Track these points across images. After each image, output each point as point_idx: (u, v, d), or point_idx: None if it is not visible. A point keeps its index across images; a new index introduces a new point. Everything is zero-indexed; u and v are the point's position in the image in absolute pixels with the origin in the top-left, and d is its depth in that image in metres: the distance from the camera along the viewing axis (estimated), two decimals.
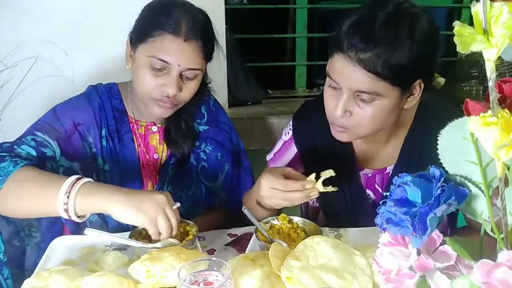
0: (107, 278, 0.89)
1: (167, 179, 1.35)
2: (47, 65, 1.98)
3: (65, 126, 1.25)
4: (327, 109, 1.14)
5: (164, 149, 1.36)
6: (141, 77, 1.21)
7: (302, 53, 3.23)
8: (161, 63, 1.18)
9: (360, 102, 1.06)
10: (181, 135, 1.35)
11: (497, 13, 0.45)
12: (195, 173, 1.38)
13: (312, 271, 0.86)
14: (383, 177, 1.27)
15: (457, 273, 0.57)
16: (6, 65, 1.96)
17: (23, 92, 2.01)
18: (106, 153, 1.30)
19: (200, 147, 1.39)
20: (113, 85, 1.37)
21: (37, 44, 1.95)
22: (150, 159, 1.35)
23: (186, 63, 1.19)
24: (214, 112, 1.43)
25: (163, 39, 1.18)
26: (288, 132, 1.35)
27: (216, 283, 0.76)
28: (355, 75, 1.03)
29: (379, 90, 1.03)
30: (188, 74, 1.21)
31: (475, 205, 0.58)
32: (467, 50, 0.47)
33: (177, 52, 1.18)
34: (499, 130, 0.46)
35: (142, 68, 1.21)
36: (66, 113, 1.27)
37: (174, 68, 1.19)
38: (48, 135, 1.22)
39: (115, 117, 1.32)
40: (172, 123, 1.35)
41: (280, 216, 1.14)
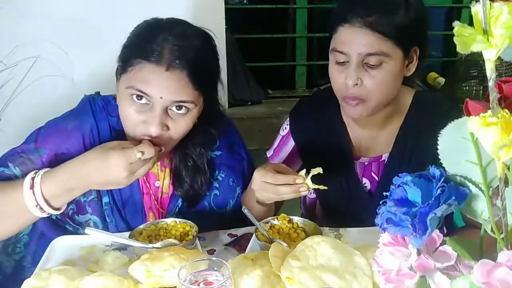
0: (107, 278, 0.89)
1: (175, 211, 1.23)
2: (47, 65, 1.98)
3: (42, 158, 1.11)
4: (336, 86, 1.18)
5: (165, 176, 1.23)
6: (123, 112, 1.08)
7: (302, 53, 3.24)
8: (139, 93, 1.03)
9: (369, 69, 1.13)
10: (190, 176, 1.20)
11: (496, 13, 0.45)
12: (207, 203, 1.27)
13: (312, 271, 0.86)
14: (379, 164, 1.30)
15: (457, 273, 0.57)
16: (6, 65, 1.96)
17: (23, 92, 2.01)
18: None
19: (213, 175, 1.26)
20: (111, 99, 1.19)
21: (37, 44, 1.96)
22: (151, 187, 1.22)
23: (169, 95, 1.03)
24: (226, 134, 1.30)
25: (141, 67, 1.03)
26: (285, 127, 1.38)
27: (216, 283, 0.76)
28: (363, 39, 1.10)
29: (386, 49, 1.11)
30: (175, 108, 1.05)
31: (475, 205, 0.58)
32: (467, 50, 0.47)
33: (158, 83, 1.02)
34: (499, 130, 0.46)
35: (123, 101, 1.07)
36: (47, 140, 1.13)
37: (156, 101, 1.03)
38: (20, 168, 1.10)
39: (112, 139, 1.12)
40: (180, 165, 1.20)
41: (280, 216, 1.14)
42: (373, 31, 1.10)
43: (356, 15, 1.10)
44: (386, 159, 1.28)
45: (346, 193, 1.29)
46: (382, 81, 1.13)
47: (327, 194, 1.30)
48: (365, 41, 1.10)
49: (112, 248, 1.10)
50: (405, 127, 1.26)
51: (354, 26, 1.11)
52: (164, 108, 1.04)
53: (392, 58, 1.12)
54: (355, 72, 1.12)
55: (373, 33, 1.10)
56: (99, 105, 1.19)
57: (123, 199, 1.18)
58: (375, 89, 1.14)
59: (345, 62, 1.14)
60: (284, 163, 1.32)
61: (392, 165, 1.26)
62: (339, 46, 1.14)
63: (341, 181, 1.28)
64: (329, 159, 1.23)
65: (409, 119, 1.26)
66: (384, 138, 1.28)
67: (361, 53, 1.11)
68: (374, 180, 1.30)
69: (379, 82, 1.13)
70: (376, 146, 1.29)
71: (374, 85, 1.13)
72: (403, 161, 1.25)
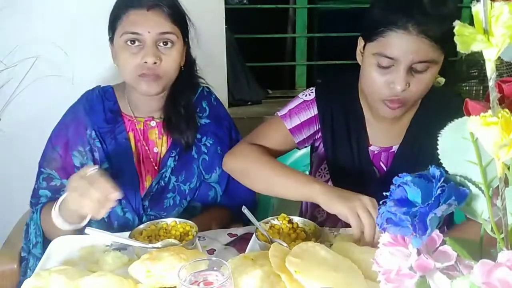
0: (107, 278, 0.89)
1: (169, 172, 1.36)
2: (47, 65, 1.97)
3: (60, 152, 1.34)
4: (376, 88, 1.17)
5: (163, 143, 1.39)
6: (121, 60, 1.28)
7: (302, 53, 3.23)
8: (131, 36, 1.25)
9: (415, 73, 1.13)
10: (183, 122, 1.37)
11: (497, 13, 0.45)
12: (196, 166, 1.40)
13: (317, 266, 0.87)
14: (388, 155, 1.33)
15: (457, 273, 0.57)
16: (6, 65, 1.96)
17: (23, 92, 2.01)
18: (100, 154, 1.33)
19: (201, 140, 1.41)
20: (109, 88, 1.42)
21: (37, 44, 1.95)
22: (150, 153, 1.38)
23: (154, 28, 1.24)
24: (216, 108, 1.47)
25: (128, 15, 1.26)
26: (309, 94, 1.37)
27: (216, 283, 0.76)
28: (418, 47, 1.09)
29: (436, 57, 1.12)
30: (162, 41, 1.26)
31: (475, 205, 0.58)
32: (467, 50, 0.47)
33: (143, 21, 1.25)
34: (499, 130, 0.46)
35: (120, 51, 1.27)
36: (57, 137, 1.36)
37: (145, 36, 1.24)
38: (50, 168, 1.34)
39: (107, 119, 1.36)
40: (172, 110, 1.38)
41: (280, 216, 1.14)
42: (429, 39, 1.08)
43: (412, 21, 1.08)
44: (396, 150, 1.31)
45: (357, 175, 1.32)
46: (426, 84, 1.16)
47: (340, 173, 1.36)
48: (420, 49, 1.09)
49: (112, 248, 1.10)
50: (416, 120, 1.30)
51: (410, 33, 1.08)
52: (153, 42, 1.25)
53: (438, 63, 1.14)
54: (404, 78, 1.12)
55: (429, 41, 1.08)
56: (96, 94, 1.40)
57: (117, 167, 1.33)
58: (418, 91, 1.16)
59: (389, 66, 1.13)
60: (300, 127, 1.34)
61: (401, 156, 1.30)
62: (387, 51, 1.11)
63: (355, 162, 1.32)
64: (346, 138, 1.31)
65: (420, 113, 1.29)
66: (396, 130, 1.32)
67: (413, 60, 1.10)
68: (382, 169, 1.33)
69: (423, 86, 1.15)
70: (387, 136, 1.32)
71: (418, 88, 1.15)
72: (413, 153, 1.29)
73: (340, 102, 1.33)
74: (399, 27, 1.09)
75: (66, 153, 1.34)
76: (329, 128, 1.34)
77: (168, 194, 1.36)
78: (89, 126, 1.34)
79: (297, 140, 1.35)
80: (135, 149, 1.37)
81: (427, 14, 1.08)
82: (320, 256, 0.92)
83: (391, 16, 1.10)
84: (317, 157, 1.42)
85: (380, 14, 1.13)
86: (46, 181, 1.33)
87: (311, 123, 1.35)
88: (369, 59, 1.16)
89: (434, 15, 1.08)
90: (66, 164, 1.33)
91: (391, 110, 1.18)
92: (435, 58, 1.12)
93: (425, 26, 1.08)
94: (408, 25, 1.08)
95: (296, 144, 1.36)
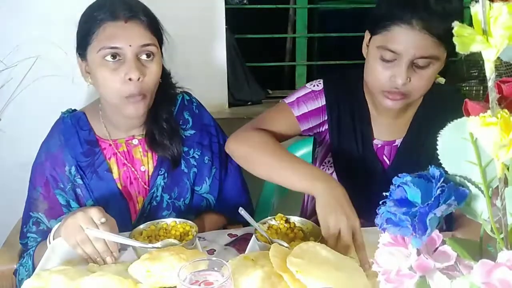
0: (107, 278, 0.89)
1: (160, 190, 1.31)
2: (47, 65, 1.97)
3: (42, 192, 1.29)
4: (379, 81, 1.19)
5: (149, 160, 1.33)
6: (101, 78, 1.19)
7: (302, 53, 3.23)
8: (111, 50, 1.16)
9: (416, 68, 1.15)
10: (166, 136, 1.31)
11: (496, 13, 0.45)
12: (187, 180, 1.35)
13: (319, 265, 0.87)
14: (391, 149, 1.34)
15: (457, 273, 0.57)
16: (6, 65, 1.96)
17: (23, 92, 2.01)
18: (83, 191, 1.28)
19: (189, 153, 1.35)
20: (81, 114, 1.34)
21: (37, 44, 1.95)
22: (138, 173, 1.32)
23: (135, 40, 1.17)
24: (198, 116, 1.40)
25: (104, 29, 1.17)
26: (317, 85, 1.38)
27: (216, 283, 0.76)
28: (421, 43, 1.11)
29: (438, 53, 1.13)
30: (143, 53, 1.19)
31: (475, 205, 0.58)
32: (466, 51, 0.47)
33: (122, 34, 1.17)
34: (498, 130, 0.46)
35: (97, 68, 1.19)
36: (36, 178, 1.31)
37: (126, 50, 1.16)
38: (37, 211, 1.29)
39: (84, 152, 1.29)
40: (154, 126, 1.31)
41: (277, 216, 1.14)
42: (432, 35, 1.10)
43: (416, 17, 1.10)
44: (399, 144, 1.33)
45: (361, 167, 1.34)
46: (428, 80, 1.17)
47: (345, 167, 1.37)
48: (422, 45, 1.11)
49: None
50: (419, 115, 1.32)
51: (413, 29, 1.10)
52: (134, 55, 1.17)
53: (440, 59, 1.15)
54: (405, 72, 1.14)
55: (431, 37, 1.10)
56: (68, 124, 1.32)
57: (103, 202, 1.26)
58: (420, 86, 1.17)
59: (392, 60, 1.15)
60: (307, 116, 1.34)
61: (404, 150, 1.32)
62: (391, 44, 1.14)
63: (359, 153, 1.34)
64: (351, 130, 1.33)
65: (422, 108, 1.32)
66: (399, 124, 1.33)
67: (415, 54, 1.12)
68: (385, 162, 1.35)
69: (425, 81, 1.17)
70: (391, 131, 1.34)
71: (420, 83, 1.17)
72: (415, 147, 1.30)
73: (346, 95, 1.35)
74: (404, 22, 1.11)
75: (49, 192, 1.27)
76: (336, 120, 1.35)
77: (163, 212, 1.31)
78: (67, 162, 1.28)
79: (303, 128, 1.36)
80: (119, 175, 1.30)
81: (431, 11, 1.09)
82: (322, 255, 0.92)
83: (397, 10, 1.12)
84: (322, 150, 1.42)
85: (387, 8, 1.16)
86: (35, 225, 1.28)
87: (318, 113, 1.36)
88: (373, 52, 1.19)
89: (438, 12, 1.09)
90: (52, 203, 1.27)
91: (392, 101, 1.20)
92: (437, 55, 1.13)
93: (428, 22, 1.09)
94: (412, 20, 1.10)
95: (302, 131, 1.37)
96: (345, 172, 1.38)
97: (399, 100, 1.19)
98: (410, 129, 1.32)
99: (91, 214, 1.04)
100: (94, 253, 1.04)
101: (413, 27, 1.10)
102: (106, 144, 1.31)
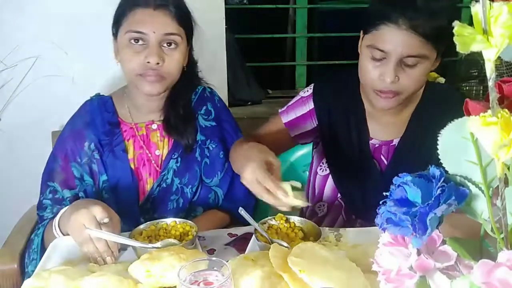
0: (107, 278, 0.89)
1: (171, 173, 1.36)
2: (47, 65, 1.97)
3: (60, 164, 1.35)
4: (369, 79, 1.20)
5: (164, 145, 1.38)
6: (124, 58, 1.27)
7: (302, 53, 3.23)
8: (136, 34, 1.24)
9: (405, 67, 1.16)
10: (181, 122, 1.36)
11: (496, 13, 0.45)
12: (198, 168, 1.39)
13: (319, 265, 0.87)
14: (389, 148, 1.34)
15: (457, 273, 0.57)
16: (6, 65, 1.95)
17: (23, 92, 2.00)
18: (99, 166, 1.34)
19: (205, 142, 1.40)
20: (108, 98, 1.42)
21: (37, 44, 1.95)
22: (152, 156, 1.37)
23: (160, 28, 1.24)
24: (220, 110, 1.46)
25: (134, 13, 1.26)
26: (307, 90, 1.41)
27: (216, 283, 0.76)
28: (407, 41, 1.12)
29: (425, 52, 1.13)
30: (166, 41, 1.26)
31: (475, 205, 0.58)
32: (467, 50, 0.47)
33: (149, 21, 1.24)
34: (499, 130, 0.46)
35: (123, 48, 1.27)
36: (57, 150, 1.37)
37: (150, 36, 1.24)
38: (53, 181, 1.34)
39: (105, 132, 1.36)
40: (170, 111, 1.37)
41: (277, 216, 1.14)
42: (418, 34, 1.11)
43: (403, 16, 1.11)
44: (397, 143, 1.33)
45: (358, 169, 1.34)
46: (417, 78, 1.17)
47: (340, 168, 1.38)
48: (409, 44, 1.12)
49: None
50: (417, 114, 1.31)
51: (400, 28, 1.11)
52: (158, 42, 1.25)
53: (429, 58, 1.15)
54: (393, 71, 1.15)
55: (417, 36, 1.11)
56: (94, 105, 1.40)
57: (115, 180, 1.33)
58: (409, 85, 1.18)
59: (382, 59, 1.16)
60: (295, 122, 1.39)
61: (402, 149, 1.31)
62: (379, 44, 1.15)
63: (355, 156, 1.34)
64: (346, 131, 1.33)
65: (421, 107, 1.31)
66: (397, 123, 1.33)
67: (403, 53, 1.13)
68: (383, 162, 1.34)
69: (414, 80, 1.17)
70: (388, 130, 1.34)
71: (409, 82, 1.17)
72: (413, 146, 1.30)
73: (339, 96, 1.35)
74: (391, 21, 1.12)
75: (66, 164, 1.34)
76: (327, 122, 1.36)
77: (172, 196, 1.35)
78: (88, 139, 1.35)
79: (293, 134, 1.40)
80: (134, 156, 1.37)
81: (418, 10, 1.10)
82: (321, 255, 0.92)
83: (385, 10, 1.13)
84: (318, 152, 1.45)
85: (376, 8, 1.18)
86: (52, 194, 1.34)
87: (306, 118, 1.38)
88: (364, 50, 1.20)
89: (425, 11, 1.10)
90: (67, 175, 1.34)
91: (383, 100, 1.20)
92: (425, 54, 1.14)
93: (415, 22, 1.10)
94: (399, 19, 1.11)
95: (293, 137, 1.40)
96: (341, 173, 1.38)
97: (390, 99, 1.19)
98: (407, 128, 1.32)
99: (95, 213, 1.04)
100: (95, 252, 1.04)
101: (399, 26, 1.11)
102: (127, 127, 1.38)
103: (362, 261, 0.92)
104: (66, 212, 1.13)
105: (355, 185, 1.35)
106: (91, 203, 1.07)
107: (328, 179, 1.42)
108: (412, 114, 1.32)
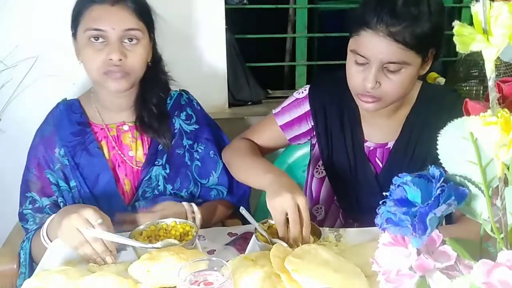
0: (107, 278, 0.89)
1: (162, 180, 1.35)
2: (47, 65, 1.97)
3: (35, 173, 1.33)
4: (353, 83, 1.20)
5: (138, 147, 1.37)
6: (86, 57, 1.25)
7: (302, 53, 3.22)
8: (95, 32, 1.22)
9: (388, 72, 1.14)
10: (156, 120, 1.35)
11: (496, 12, 0.45)
12: (189, 172, 1.39)
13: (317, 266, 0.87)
14: (383, 151, 1.33)
15: (457, 273, 0.57)
16: (6, 65, 1.95)
17: (23, 92, 2.00)
18: (68, 171, 1.32)
19: (193, 146, 1.40)
20: (74, 101, 1.40)
21: (37, 44, 1.95)
22: (126, 157, 1.36)
23: (119, 24, 1.21)
24: (200, 112, 1.46)
25: (91, 10, 1.23)
26: (302, 91, 1.41)
27: (216, 283, 0.76)
28: (386, 48, 1.10)
29: (407, 59, 1.12)
30: (127, 37, 1.23)
31: (475, 205, 0.58)
32: (467, 50, 0.47)
33: (107, 17, 1.22)
34: (499, 130, 0.46)
35: (84, 48, 1.24)
36: (30, 160, 1.36)
37: (110, 33, 1.21)
38: (31, 191, 1.33)
39: (74, 132, 1.34)
40: (143, 109, 1.36)
41: None
42: (396, 42, 1.09)
43: (381, 23, 1.09)
44: (392, 146, 1.31)
45: (353, 172, 1.33)
46: (400, 84, 1.15)
47: (336, 171, 1.37)
48: (387, 51, 1.10)
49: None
50: (412, 117, 1.29)
51: (378, 34, 1.10)
52: (118, 38, 1.22)
53: (412, 64, 1.13)
54: (374, 76, 1.13)
55: (396, 43, 1.09)
56: (60, 109, 1.38)
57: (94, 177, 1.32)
58: (392, 91, 1.16)
59: (364, 64, 1.15)
60: (290, 124, 1.39)
61: (397, 152, 1.30)
62: (360, 49, 1.14)
63: (350, 159, 1.33)
64: (341, 134, 1.33)
65: (415, 110, 1.29)
66: (391, 126, 1.32)
67: (382, 60, 1.12)
68: (378, 165, 1.33)
69: (396, 86, 1.15)
70: (383, 133, 1.33)
71: (391, 88, 1.15)
72: (408, 149, 1.29)
73: (334, 98, 1.34)
74: (369, 27, 1.11)
75: (41, 172, 1.33)
76: (323, 124, 1.36)
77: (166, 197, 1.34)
78: (57, 144, 1.33)
79: (288, 137, 1.40)
80: (109, 157, 1.35)
81: (397, 16, 1.08)
82: (322, 257, 0.92)
83: (365, 16, 1.12)
84: (314, 154, 1.44)
85: (358, 13, 1.16)
86: (31, 204, 1.32)
87: (302, 120, 1.38)
88: (349, 55, 1.20)
89: (405, 18, 1.08)
90: (44, 183, 1.32)
91: (365, 104, 1.19)
92: (406, 60, 1.11)
93: (393, 28, 1.08)
94: (378, 26, 1.09)
95: (289, 140, 1.40)
96: (336, 175, 1.37)
97: (371, 103, 1.18)
98: (402, 131, 1.30)
99: (87, 215, 1.04)
100: (93, 253, 1.04)
101: (378, 33, 1.10)
102: (98, 128, 1.36)
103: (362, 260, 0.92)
104: (54, 220, 1.12)
105: (350, 188, 1.34)
106: (80, 207, 1.08)
107: (325, 182, 1.42)
108: (407, 116, 1.30)
